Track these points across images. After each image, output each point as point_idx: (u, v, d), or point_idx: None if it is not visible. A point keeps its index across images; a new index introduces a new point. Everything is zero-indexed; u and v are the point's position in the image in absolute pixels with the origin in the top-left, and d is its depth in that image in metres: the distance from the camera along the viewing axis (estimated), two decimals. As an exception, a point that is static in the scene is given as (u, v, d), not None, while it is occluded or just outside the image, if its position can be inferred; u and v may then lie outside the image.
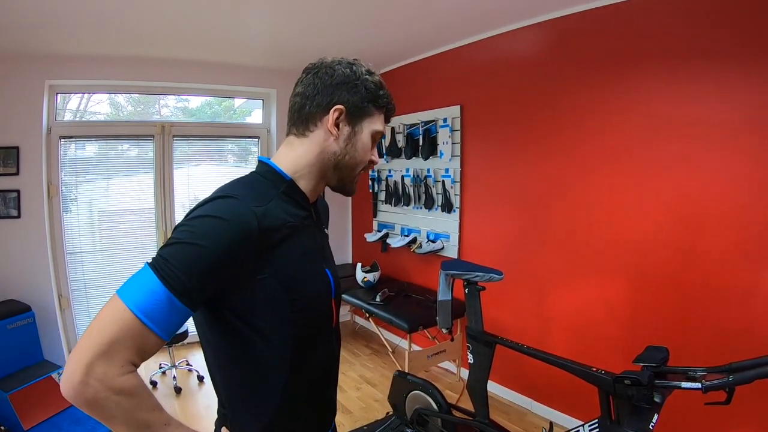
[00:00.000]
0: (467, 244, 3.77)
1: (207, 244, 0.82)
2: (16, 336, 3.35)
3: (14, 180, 3.61)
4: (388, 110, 1.08)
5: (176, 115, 4.71)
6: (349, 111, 1.01)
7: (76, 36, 3.27)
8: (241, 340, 0.94)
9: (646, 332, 2.62)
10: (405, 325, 3.41)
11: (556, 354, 2.98)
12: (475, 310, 2.39)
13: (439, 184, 3.94)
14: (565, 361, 2.02)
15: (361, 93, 1.01)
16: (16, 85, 3.55)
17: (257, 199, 0.92)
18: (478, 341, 2.36)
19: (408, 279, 4.41)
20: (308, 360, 1.02)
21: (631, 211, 2.66)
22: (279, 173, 1.02)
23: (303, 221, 1.02)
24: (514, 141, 3.30)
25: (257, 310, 0.92)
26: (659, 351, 1.77)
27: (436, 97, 3.93)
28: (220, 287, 0.87)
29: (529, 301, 3.28)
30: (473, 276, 2.36)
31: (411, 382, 2.76)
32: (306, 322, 1.00)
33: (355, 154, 1.05)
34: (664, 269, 2.53)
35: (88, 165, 4.13)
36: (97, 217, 4.21)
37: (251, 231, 0.86)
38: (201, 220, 0.85)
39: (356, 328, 5.09)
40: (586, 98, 2.83)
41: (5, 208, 3.59)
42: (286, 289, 0.94)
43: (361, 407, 3.49)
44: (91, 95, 4.22)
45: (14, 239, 3.66)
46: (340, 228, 5.34)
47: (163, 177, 4.32)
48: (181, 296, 0.79)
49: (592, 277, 2.88)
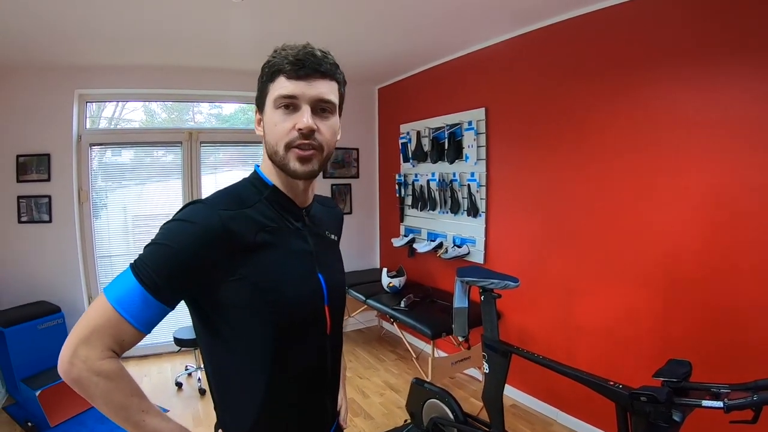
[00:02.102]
0: (493, 249, 3.69)
1: (173, 245, 0.89)
2: (46, 336, 3.47)
3: (46, 186, 3.75)
4: (282, 68, 0.95)
5: (209, 121, 4.82)
6: (258, 105, 1.03)
7: (105, 47, 3.38)
8: (223, 339, 0.98)
9: (671, 344, 2.50)
10: (428, 332, 3.36)
11: (580, 363, 2.93)
12: (490, 318, 2.33)
13: (464, 188, 3.87)
14: (581, 374, 1.95)
15: (259, 81, 1.01)
16: (47, 95, 3.70)
17: (233, 204, 0.96)
18: (494, 351, 2.29)
19: (434, 284, 4.36)
20: (293, 364, 1.02)
21: (659, 219, 2.54)
22: (263, 180, 1.05)
23: (288, 225, 1.04)
24: (540, 144, 3.21)
25: (235, 310, 0.95)
26: (681, 365, 1.67)
27: (460, 100, 3.87)
28: (194, 286, 0.92)
29: (555, 308, 3.18)
30: (488, 283, 2.30)
31: (428, 390, 2.72)
32: (288, 325, 0.99)
33: (267, 138, 1.00)
34: (692, 280, 2.40)
35: (119, 170, 4.26)
36: (129, 221, 4.32)
37: (216, 232, 0.90)
38: (172, 223, 0.92)
39: (382, 333, 5.05)
40: (613, 100, 2.72)
41: (37, 213, 3.74)
42: (262, 291, 0.95)
43: (383, 413, 3.46)
44: (125, 103, 4.34)
45: (46, 243, 3.80)
46: (368, 232, 5.33)
47: (191, 183, 4.40)
48: (153, 292, 0.87)
49: (618, 285, 2.76)
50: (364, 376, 4.05)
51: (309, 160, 0.98)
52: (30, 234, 3.74)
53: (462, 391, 3.74)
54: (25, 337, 3.32)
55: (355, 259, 5.16)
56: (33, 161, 3.69)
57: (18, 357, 3.28)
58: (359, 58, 3.97)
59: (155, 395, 3.62)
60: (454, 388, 3.78)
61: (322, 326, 1.09)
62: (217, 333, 0.97)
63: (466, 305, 2.50)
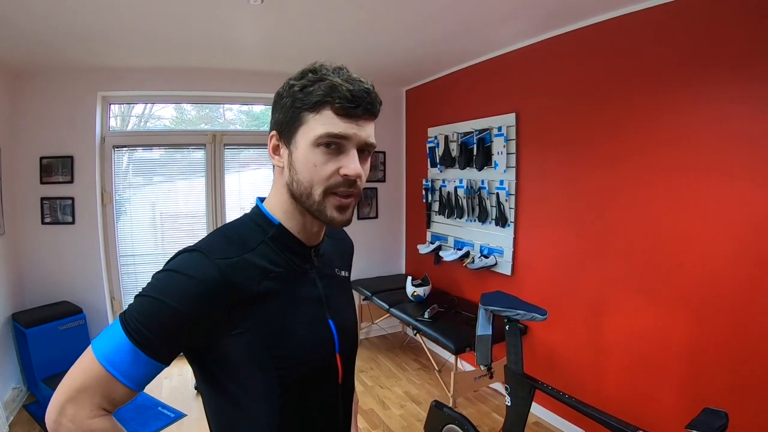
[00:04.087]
0: (521, 261, 3.57)
1: (167, 300, 0.79)
2: (67, 337, 3.53)
3: (69, 188, 3.79)
4: (332, 101, 0.82)
5: (239, 117, 4.80)
6: (280, 132, 0.88)
7: (127, 49, 3.36)
8: (224, 391, 0.89)
9: (705, 369, 2.35)
10: (452, 346, 3.27)
11: (608, 386, 2.82)
12: (515, 350, 2.23)
13: (493, 196, 3.74)
14: (609, 419, 1.83)
15: (285, 105, 0.86)
16: (70, 97, 3.71)
17: (232, 250, 0.86)
18: (517, 384, 2.20)
19: (460, 293, 4.26)
20: (301, 420, 0.93)
21: (697, 240, 2.37)
22: (267, 217, 0.94)
23: (296, 269, 0.93)
24: (573, 154, 3.05)
25: (238, 366, 0.86)
26: (717, 417, 1.55)
27: (490, 104, 3.73)
28: (191, 343, 0.84)
29: (584, 326, 3.04)
30: (514, 314, 2.20)
31: (447, 415, 2.63)
32: (296, 378, 0.90)
33: (298, 176, 0.86)
34: (729, 303, 2.24)
35: (145, 168, 4.27)
36: (156, 219, 4.34)
37: (215, 286, 0.80)
38: (164, 274, 0.83)
39: (405, 341, 4.96)
40: (655, 111, 2.54)
41: (61, 214, 3.78)
42: (267, 345, 0.86)
43: (403, 426, 3.39)
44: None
45: (68, 244, 3.84)
46: (394, 238, 5.24)
47: (215, 184, 4.38)
48: (143, 348, 0.79)
49: (651, 306, 2.61)
50: (385, 386, 3.99)
51: (348, 207, 0.89)
52: (53, 235, 3.78)
53: (485, 406, 3.64)
54: (47, 337, 3.38)
55: (381, 264, 5.09)
56: (56, 163, 3.71)
57: (39, 357, 3.34)
58: (387, 59, 3.86)
59: (174, 399, 3.64)
60: (476, 402, 3.69)
61: (333, 377, 0.99)
62: (218, 384, 0.89)
63: (489, 333, 2.41)
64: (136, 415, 3.40)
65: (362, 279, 4.84)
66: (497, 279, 3.78)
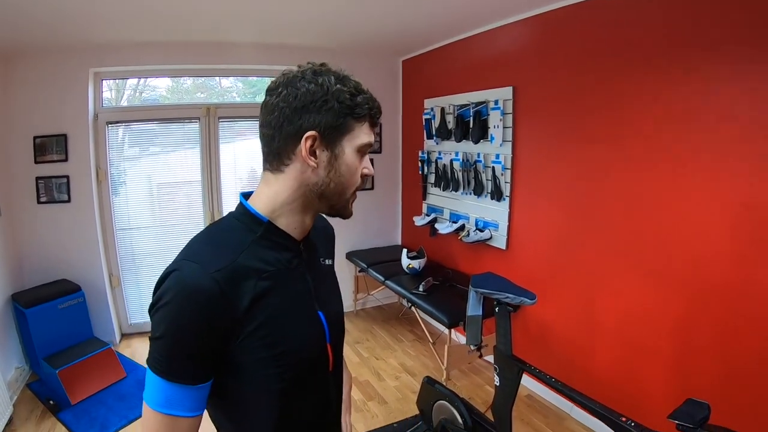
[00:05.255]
0: (516, 236, 3.58)
1: (178, 333, 0.82)
2: (66, 315, 3.58)
3: (63, 166, 3.76)
4: (371, 116, 0.93)
5: (236, 86, 4.72)
6: (323, 134, 0.88)
7: (118, 24, 3.27)
8: (226, 392, 0.92)
9: (692, 351, 2.40)
10: (445, 320, 3.31)
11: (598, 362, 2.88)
12: (504, 332, 2.26)
13: (489, 170, 3.72)
14: (593, 404, 1.87)
15: (333, 109, 0.87)
16: (61, 75, 3.65)
17: (223, 257, 0.86)
18: (505, 365, 2.23)
19: (455, 266, 4.29)
20: (298, 408, 0.98)
21: (694, 221, 2.36)
22: (254, 216, 0.94)
23: (287, 265, 0.95)
24: (571, 130, 3.02)
25: (242, 368, 0.89)
26: (699, 408, 1.57)
27: (487, 77, 3.66)
28: (214, 353, 0.86)
29: (576, 302, 3.08)
30: (504, 297, 2.21)
31: (438, 391, 2.68)
32: (294, 374, 0.94)
33: (340, 179, 0.92)
34: (722, 288, 2.26)
35: (138, 142, 4.25)
36: (152, 191, 4.33)
37: (217, 301, 0.82)
38: (166, 309, 0.82)
39: (401, 313, 5.00)
40: (656, 90, 2.49)
41: (56, 193, 3.77)
42: (267, 345, 0.88)
43: (398, 398, 3.47)
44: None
45: (65, 222, 3.84)
46: (390, 209, 5.23)
47: (209, 155, 4.35)
48: (181, 380, 0.83)
49: (643, 284, 2.63)
50: (380, 357, 4.06)
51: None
52: (49, 214, 3.77)
53: (478, 378, 3.72)
54: (47, 316, 3.42)
55: (376, 235, 5.10)
56: (50, 142, 3.68)
57: (40, 336, 3.38)
58: (383, 29, 3.77)
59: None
60: (470, 374, 3.77)
61: (324, 366, 1.04)
62: (219, 386, 0.91)
63: (479, 313, 2.44)
64: (137, 390, 3.47)
65: (358, 250, 4.87)
66: (492, 253, 3.80)
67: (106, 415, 3.15)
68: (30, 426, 3.03)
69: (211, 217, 4.43)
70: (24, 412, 3.15)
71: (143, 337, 4.39)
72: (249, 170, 4.63)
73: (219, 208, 4.45)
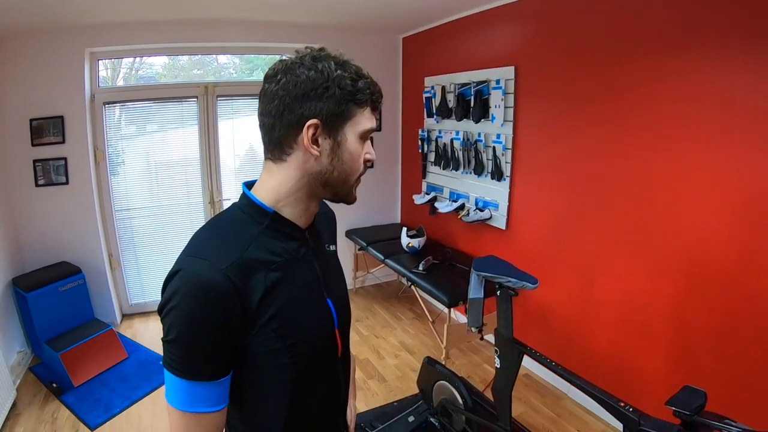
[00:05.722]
0: (516, 216, 3.58)
1: (193, 334, 0.81)
2: (67, 297, 3.58)
3: (61, 148, 3.72)
4: (373, 101, 0.92)
5: (233, 62, 4.66)
6: (325, 122, 0.87)
7: (113, 3, 3.19)
8: (239, 383, 0.92)
9: (689, 334, 2.43)
10: (445, 299, 3.33)
11: (596, 342, 2.91)
12: (505, 315, 2.27)
13: (489, 149, 3.70)
14: (593, 388, 1.90)
15: (335, 96, 0.85)
16: (57, 56, 3.58)
17: (232, 252, 0.85)
18: (506, 348, 2.26)
19: (454, 245, 4.30)
20: (309, 396, 1.00)
21: (692, 204, 2.36)
22: (260, 207, 0.93)
23: (294, 255, 0.95)
24: (573, 111, 3.00)
25: (256, 360, 0.90)
26: (696, 396, 1.59)
27: (489, 56, 3.61)
28: (230, 348, 0.86)
29: (575, 282, 3.10)
30: (506, 280, 2.22)
31: (439, 372, 2.72)
32: (306, 364, 0.95)
33: (343, 166, 0.91)
34: (722, 272, 2.27)
35: (135, 120, 4.20)
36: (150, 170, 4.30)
37: (230, 298, 0.82)
38: (177, 310, 0.81)
39: (400, 291, 5.03)
40: (654, 69, 2.46)
41: (54, 175, 3.73)
42: (280, 336, 0.89)
43: (398, 376, 3.52)
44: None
45: (64, 205, 3.82)
46: (389, 187, 5.22)
47: (208, 133, 4.31)
48: (202, 377, 0.84)
49: (643, 266, 2.65)
50: (380, 335, 4.11)
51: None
52: (48, 197, 3.75)
53: (477, 357, 3.77)
54: (47, 300, 3.42)
55: (376, 213, 5.10)
56: (47, 124, 3.63)
57: (41, 319, 3.39)
58: (384, 5, 3.69)
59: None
60: (469, 353, 3.81)
61: (334, 352, 1.06)
62: (232, 376, 0.92)
63: (481, 296, 2.44)
64: (139, 371, 3.52)
65: (357, 228, 4.87)
66: (492, 233, 3.81)
67: (110, 397, 3.19)
68: (34, 410, 3.05)
69: (210, 196, 4.42)
70: (27, 396, 3.18)
71: (144, 317, 4.42)
72: (247, 147, 4.59)
73: (218, 187, 4.43)
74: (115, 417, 3.02)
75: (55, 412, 3.04)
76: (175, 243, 4.44)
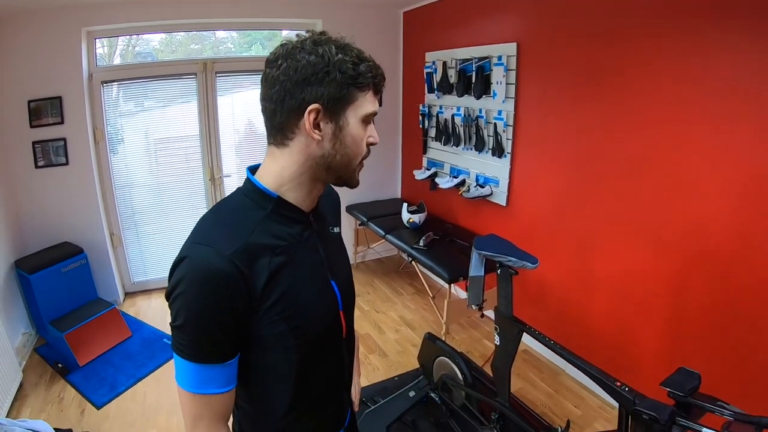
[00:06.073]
0: (516, 193, 3.58)
1: (200, 319, 0.84)
2: (70, 278, 3.60)
3: (60, 129, 3.69)
4: (375, 84, 0.92)
5: (231, 36, 4.60)
6: (326, 106, 0.87)
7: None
8: (246, 364, 0.95)
9: (691, 317, 2.45)
10: (445, 275, 3.36)
11: (592, 320, 2.95)
12: (505, 294, 2.29)
13: (490, 126, 3.68)
14: (590, 367, 1.93)
15: (336, 80, 0.85)
16: (53, 36, 3.51)
17: (237, 237, 0.87)
18: (506, 326, 2.29)
19: (455, 221, 4.31)
20: (314, 378, 1.03)
21: (693, 181, 2.36)
22: (263, 192, 0.94)
23: (298, 238, 0.97)
24: (573, 87, 2.97)
25: (261, 342, 0.92)
26: (690, 378, 1.62)
27: (491, 32, 3.56)
28: (237, 331, 0.89)
29: (574, 259, 3.12)
30: (506, 259, 2.24)
31: (439, 348, 2.76)
32: (310, 345, 0.98)
33: (346, 150, 0.92)
34: (719, 253, 2.29)
35: (133, 97, 4.16)
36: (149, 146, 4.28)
37: (236, 283, 0.84)
38: (185, 296, 0.84)
39: (401, 267, 5.06)
40: (658, 50, 2.43)
41: (53, 156, 3.71)
42: (285, 319, 0.92)
43: (398, 351, 3.57)
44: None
45: (64, 185, 3.81)
46: (390, 162, 5.20)
47: (207, 109, 4.28)
48: (210, 360, 0.87)
49: (643, 246, 2.66)
50: (381, 310, 4.15)
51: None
52: (48, 178, 3.73)
53: (477, 332, 3.82)
54: (51, 281, 3.44)
55: (376, 188, 5.09)
56: (45, 105, 3.59)
57: (45, 301, 3.41)
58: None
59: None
60: (468, 328, 3.87)
61: (338, 333, 1.09)
62: (239, 358, 0.95)
63: (482, 274, 2.46)
64: (143, 349, 3.56)
65: (358, 203, 4.87)
66: (492, 209, 3.82)
67: (115, 375, 3.24)
68: (40, 390, 3.09)
69: (211, 172, 4.41)
70: (33, 377, 3.21)
71: (146, 295, 4.47)
72: (246, 122, 4.56)
73: (218, 163, 4.42)
74: (121, 395, 3.06)
75: (62, 391, 3.08)
76: (176, 220, 4.46)
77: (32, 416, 2.80)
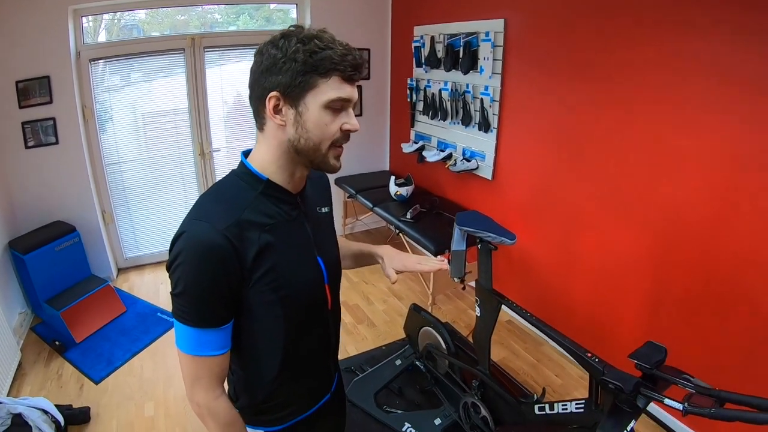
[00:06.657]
0: (502, 168, 3.64)
1: (198, 287, 0.94)
2: (64, 256, 3.64)
3: (49, 108, 3.66)
4: (340, 70, 0.94)
5: (218, 7, 4.54)
6: (284, 93, 0.94)
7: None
8: (238, 332, 1.06)
9: (665, 294, 2.57)
10: (432, 247, 3.45)
11: (574, 294, 3.06)
12: (485, 268, 2.38)
13: (477, 101, 3.72)
14: (563, 339, 2.03)
15: (292, 69, 0.92)
16: (39, 15, 3.46)
17: (229, 214, 0.97)
18: (486, 298, 2.39)
19: (442, 194, 4.38)
20: (301, 345, 1.15)
21: (674, 163, 2.43)
22: (254, 174, 1.04)
23: (286, 217, 1.06)
24: (558, 65, 3.01)
25: (252, 311, 1.03)
26: (657, 351, 1.72)
27: (478, 8, 3.56)
28: (231, 298, 0.99)
29: (558, 235, 3.22)
30: (485, 235, 2.33)
31: (424, 318, 2.87)
32: (297, 315, 1.10)
33: (308, 134, 0.97)
34: (696, 236, 2.38)
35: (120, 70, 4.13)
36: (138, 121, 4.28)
37: (228, 254, 0.93)
38: (183, 267, 0.93)
39: (388, 239, 5.13)
40: (643, 33, 2.47)
41: (44, 136, 3.70)
42: (273, 289, 1.02)
43: (386, 321, 3.69)
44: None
45: (55, 165, 3.81)
46: (378, 135, 5.22)
47: (196, 83, 4.27)
48: (207, 325, 0.97)
49: (624, 225, 2.75)
50: (369, 282, 4.25)
51: (341, 155, 1.05)
52: (39, 158, 3.73)
53: (462, 303, 3.94)
54: (45, 260, 3.46)
55: (364, 161, 5.12)
56: (33, 85, 3.56)
57: (40, 280, 3.44)
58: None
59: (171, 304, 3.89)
60: (454, 299, 3.98)
61: (324, 305, 1.19)
62: (233, 326, 1.05)
63: (463, 248, 2.54)
64: (138, 323, 3.65)
65: (346, 176, 4.91)
66: (478, 182, 3.89)
67: (111, 350, 3.31)
68: (39, 368, 3.15)
69: (200, 147, 4.44)
70: (32, 356, 3.26)
71: (139, 270, 4.53)
72: (235, 95, 4.56)
73: (208, 137, 4.44)
74: (118, 369, 3.15)
75: (60, 368, 3.14)
76: (166, 196, 4.50)
77: (32, 394, 2.88)
